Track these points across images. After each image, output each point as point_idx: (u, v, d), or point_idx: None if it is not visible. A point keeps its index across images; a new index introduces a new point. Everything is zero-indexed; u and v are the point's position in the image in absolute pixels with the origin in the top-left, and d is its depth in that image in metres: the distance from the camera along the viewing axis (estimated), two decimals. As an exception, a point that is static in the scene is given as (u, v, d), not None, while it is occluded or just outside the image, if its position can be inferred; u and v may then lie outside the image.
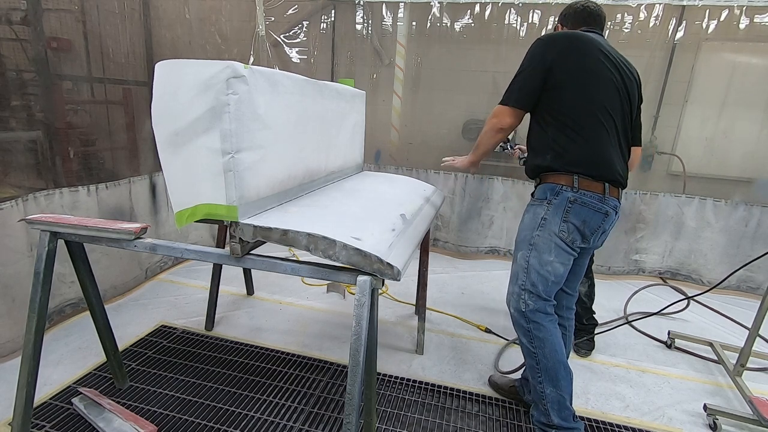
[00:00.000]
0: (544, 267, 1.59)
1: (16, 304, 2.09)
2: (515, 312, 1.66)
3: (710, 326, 2.90)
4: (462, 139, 3.90)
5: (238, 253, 1.36)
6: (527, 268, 1.61)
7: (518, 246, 1.67)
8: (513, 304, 1.67)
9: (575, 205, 1.55)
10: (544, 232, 1.58)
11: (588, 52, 1.54)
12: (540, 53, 1.56)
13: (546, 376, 1.61)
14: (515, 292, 1.65)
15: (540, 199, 1.62)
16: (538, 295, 1.61)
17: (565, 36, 1.59)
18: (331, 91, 1.89)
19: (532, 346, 1.63)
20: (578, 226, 1.56)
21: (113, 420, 1.65)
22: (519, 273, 1.64)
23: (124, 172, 2.82)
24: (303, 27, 4.02)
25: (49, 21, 2.37)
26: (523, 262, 1.63)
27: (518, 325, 1.66)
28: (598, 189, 1.55)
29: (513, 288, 1.67)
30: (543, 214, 1.59)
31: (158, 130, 1.30)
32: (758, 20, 3.20)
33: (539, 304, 1.61)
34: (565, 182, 1.56)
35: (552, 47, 1.55)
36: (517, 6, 3.53)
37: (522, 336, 1.67)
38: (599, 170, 1.55)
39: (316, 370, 2.14)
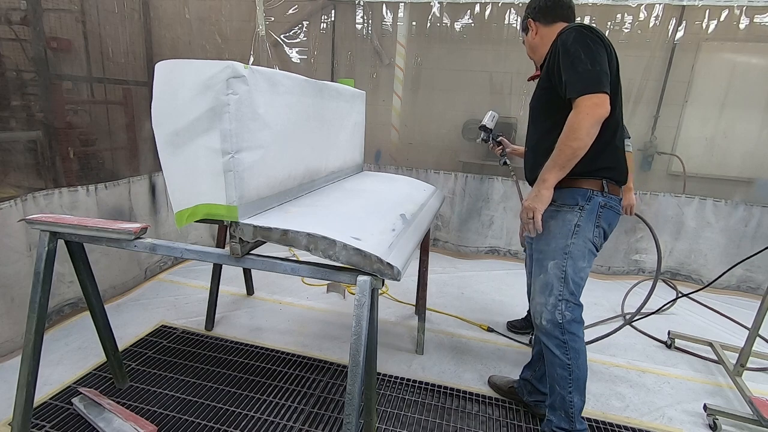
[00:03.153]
0: (578, 274, 1.54)
1: (15, 304, 2.09)
2: (549, 324, 1.56)
3: (710, 326, 2.90)
4: (462, 139, 3.91)
5: (238, 253, 1.36)
6: (564, 277, 1.54)
7: (549, 255, 1.57)
8: (547, 316, 1.56)
9: (605, 209, 1.53)
10: (579, 239, 1.52)
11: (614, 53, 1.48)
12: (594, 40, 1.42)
13: (576, 386, 1.57)
14: (551, 303, 1.55)
15: (570, 205, 1.54)
16: (575, 303, 1.55)
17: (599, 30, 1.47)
18: (331, 91, 1.89)
19: (567, 357, 1.56)
20: (606, 230, 1.56)
21: (113, 420, 1.65)
22: (554, 283, 1.55)
23: (124, 172, 2.83)
24: (303, 27, 4.02)
25: (49, 21, 2.37)
26: (558, 272, 1.54)
27: (552, 336, 1.57)
28: (618, 192, 1.57)
29: (546, 299, 1.57)
30: (576, 221, 1.52)
31: (158, 130, 1.30)
32: (758, 20, 3.21)
33: (576, 312, 1.56)
34: (595, 187, 1.51)
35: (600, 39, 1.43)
36: (517, 6, 3.53)
37: (554, 348, 1.57)
38: (623, 175, 1.56)
39: (316, 370, 2.14)
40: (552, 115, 1.53)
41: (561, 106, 1.46)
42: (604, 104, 1.38)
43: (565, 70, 1.42)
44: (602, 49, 1.41)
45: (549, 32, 1.65)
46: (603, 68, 1.39)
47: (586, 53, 1.40)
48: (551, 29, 1.64)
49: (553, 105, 1.52)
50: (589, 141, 1.38)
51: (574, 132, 1.38)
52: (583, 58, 1.39)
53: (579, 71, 1.39)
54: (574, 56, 1.40)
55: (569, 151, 1.40)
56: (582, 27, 1.45)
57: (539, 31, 1.69)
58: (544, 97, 1.59)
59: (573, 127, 1.38)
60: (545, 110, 1.58)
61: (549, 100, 1.54)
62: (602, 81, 1.39)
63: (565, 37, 1.45)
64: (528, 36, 1.75)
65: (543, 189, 1.45)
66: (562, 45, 1.44)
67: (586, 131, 1.37)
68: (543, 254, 1.59)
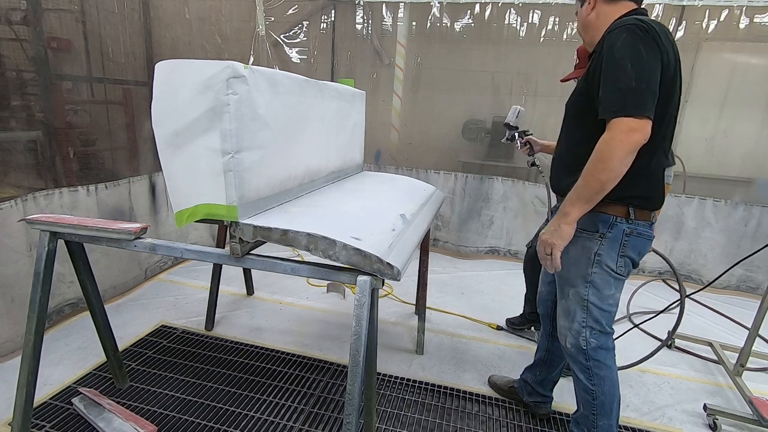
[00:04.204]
0: (606, 301, 1.43)
1: (15, 304, 2.09)
2: (573, 348, 1.49)
3: (710, 326, 2.90)
4: (462, 139, 3.91)
5: (238, 253, 1.36)
6: (586, 306, 1.44)
7: (568, 281, 1.46)
8: (571, 341, 1.49)
9: (631, 237, 1.36)
10: (600, 269, 1.39)
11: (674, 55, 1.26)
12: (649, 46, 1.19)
13: (601, 411, 1.50)
14: (574, 329, 1.47)
15: (589, 232, 1.38)
16: (601, 330, 1.45)
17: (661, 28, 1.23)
18: (331, 91, 1.89)
19: (591, 383, 1.49)
20: (634, 259, 1.41)
21: (113, 420, 1.65)
22: (576, 311, 1.46)
23: (124, 172, 2.83)
24: (303, 27, 4.02)
25: (49, 21, 2.37)
26: (579, 300, 1.44)
27: (576, 361, 1.50)
28: (648, 217, 1.38)
29: (570, 324, 1.48)
30: (596, 250, 1.38)
31: (158, 130, 1.30)
32: (758, 20, 3.21)
33: (602, 339, 1.46)
34: (620, 213, 1.34)
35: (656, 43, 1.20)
36: (517, 6, 3.53)
37: (579, 372, 1.51)
38: (657, 203, 1.37)
39: (316, 370, 2.14)
40: (583, 127, 1.33)
41: (596, 118, 1.26)
42: (643, 129, 1.17)
43: (605, 83, 1.21)
44: (656, 58, 1.19)
45: (610, 12, 1.36)
46: (650, 86, 1.17)
47: (633, 64, 1.17)
48: (614, 8, 1.36)
49: (587, 115, 1.31)
50: (621, 172, 1.19)
51: (604, 162, 1.18)
52: (628, 71, 1.17)
53: (620, 87, 1.17)
54: (618, 67, 1.18)
55: (597, 185, 1.21)
56: (637, 26, 1.20)
57: (597, 6, 1.39)
58: (579, 104, 1.37)
59: (603, 156, 1.18)
60: (578, 119, 1.39)
61: (584, 109, 1.34)
62: (646, 102, 1.17)
63: (614, 39, 1.21)
64: (583, 9, 1.44)
65: (564, 224, 1.28)
66: (608, 48, 1.22)
67: (619, 160, 1.17)
68: (563, 280, 1.48)
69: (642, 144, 1.18)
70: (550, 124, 3.63)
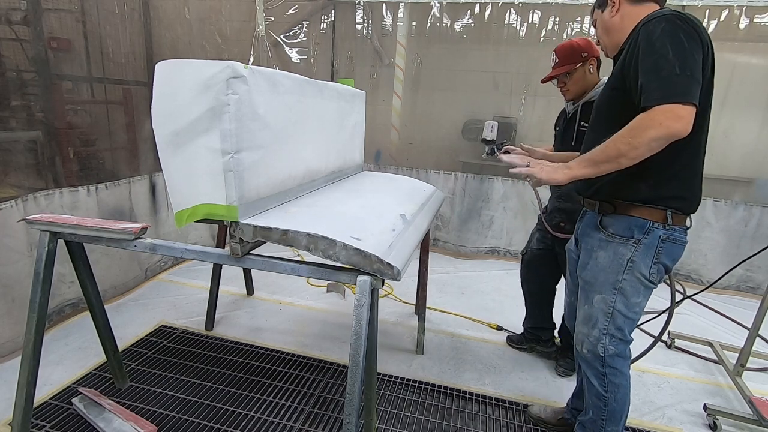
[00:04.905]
0: (632, 309, 1.39)
1: (16, 304, 2.09)
2: (590, 355, 1.46)
3: (710, 326, 2.90)
4: (462, 139, 3.91)
5: (238, 253, 1.36)
6: (611, 313, 1.39)
7: (595, 288, 1.41)
8: (588, 347, 1.45)
9: (667, 243, 1.31)
10: (632, 276, 1.34)
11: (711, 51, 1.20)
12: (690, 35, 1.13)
13: (611, 418, 1.49)
14: (594, 336, 1.43)
15: (623, 237, 1.33)
16: (621, 339, 1.43)
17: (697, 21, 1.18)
18: (331, 91, 1.89)
19: (604, 390, 1.46)
20: (667, 265, 1.36)
21: (113, 420, 1.65)
22: (598, 317, 1.41)
23: (124, 172, 2.83)
24: (303, 27, 4.02)
25: (49, 21, 2.37)
26: (604, 307, 1.40)
27: (591, 367, 1.47)
28: (684, 221, 1.33)
29: (590, 331, 1.44)
30: (630, 256, 1.33)
31: (158, 130, 1.30)
32: (758, 20, 3.21)
33: (621, 348, 1.43)
34: (657, 218, 1.28)
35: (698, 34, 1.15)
36: (517, 6, 3.53)
37: (593, 377, 1.48)
38: (695, 205, 1.32)
39: (316, 370, 2.14)
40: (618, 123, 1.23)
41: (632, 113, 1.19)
42: (688, 118, 1.09)
43: (645, 72, 1.14)
44: (698, 49, 1.13)
45: (635, 13, 1.31)
46: (694, 75, 1.11)
47: (675, 52, 1.11)
48: (639, 9, 1.31)
49: (625, 112, 1.23)
50: (642, 154, 1.14)
51: (632, 133, 1.13)
52: (670, 58, 1.11)
53: (662, 76, 1.11)
54: (659, 54, 1.12)
55: (613, 152, 1.16)
56: (676, 16, 1.15)
57: (622, 8, 1.34)
58: (614, 100, 1.32)
59: (635, 129, 1.12)
60: (614, 117, 1.28)
61: (620, 105, 1.27)
62: (691, 89, 1.10)
63: (652, 28, 1.15)
64: (605, 13, 1.39)
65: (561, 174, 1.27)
66: (645, 38, 1.16)
67: (648, 141, 1.11)
68: (589, 286, 1.43)
69: (681, 136, 1.11)
70: (550, 124, 3.62)
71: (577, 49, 1.91)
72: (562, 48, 1.95)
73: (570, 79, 1.95)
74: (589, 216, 1.48)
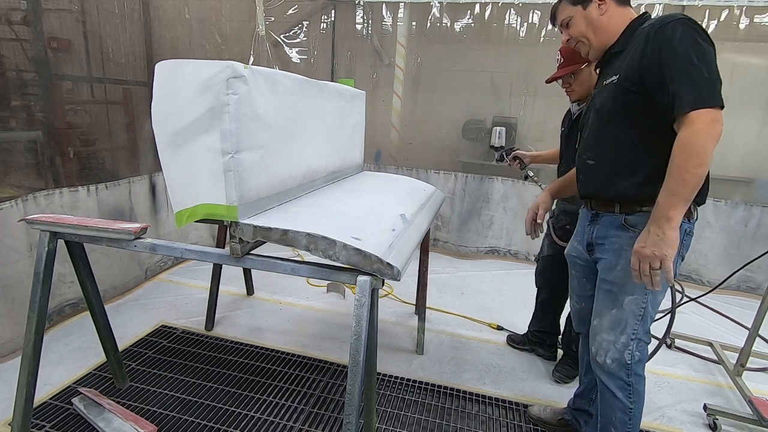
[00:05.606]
0: (655, 309, 1.38)
1: (16, 304, 2.09)
2: (615, 364, 1.39)
3: (710, 326, 2.90)
4: (462, 139, 3.91)
5: (238, 253, 1.36)
6: (643, 315, 1.35)
7: (626, 289, 1.35)
8: (614, 355, 1.38)
9: (687, 236, 1.34)
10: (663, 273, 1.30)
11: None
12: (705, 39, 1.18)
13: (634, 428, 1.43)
14: (621, 342, 1.37)
15: None
16: (646, 341, 1.39)
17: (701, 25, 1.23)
18: (331, 91, 1.89)
19: (630, 401, 1.40)
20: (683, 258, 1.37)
21: (113, 420, 1.65)
22: (628, 321, 1.36)
23: (124, 172, 2.83)
24: (303, 27, 4.02)
25: (49, 21, 2.37)
26: (636, 309, 1.35)
27: (615, 378, 1.40)
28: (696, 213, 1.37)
29: (617, 337, 1.38)
30: None
31: (158, 130, 1.30)
32: (758, 20, 3.21)
33: (644, 351, 1.40)
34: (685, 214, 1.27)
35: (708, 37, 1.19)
36: (517, 6, 3.53)
37: (617, 390, 1.41)
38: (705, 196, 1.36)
39: (316, 370, 2.14)
40: (637, 126, 1.28)
41: (651, 115, 1.24)
42: (721, 120, 1.15)
43: (676, 78, 1.16)
44: (713, 51, 1.19)
45: (621, 15, 1.36)
46: (719, 77, 1.17)
47: (699, 57, 1.15)
48: (625, 12, 1.37)
49: (641, 114, 1.27)
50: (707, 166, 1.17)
51: (699, 156, 1.14)
52: (696, 63, 1.15)
53: (694, 80, 1.14)
54: (685, 60, 1.15)
55: (695, 181, 1.15)
56: (688, 20, 1.19)
57: (610, 9, 1.36)
58: (628, 103, 1.29)
59: (694, 151, 1.14)
60: (628, 119, 1.30)
61: (635, 107, 1.28)
62: (719, 93, 1.16)
63: (670, 33, 1.18)
64: (590, 11, 1.38)
65: (669, 229, 1.17)
66: (666, 43, 1.18)
67: (710, 153, 1.14)
68: (618, 288, 1.37)
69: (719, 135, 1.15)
70: (550, 124, 3.63)
71: None
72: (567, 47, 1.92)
73: (575, 79, 1.90)
74: (606, 218, 1.41)
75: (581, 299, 1.64)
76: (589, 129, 1.44)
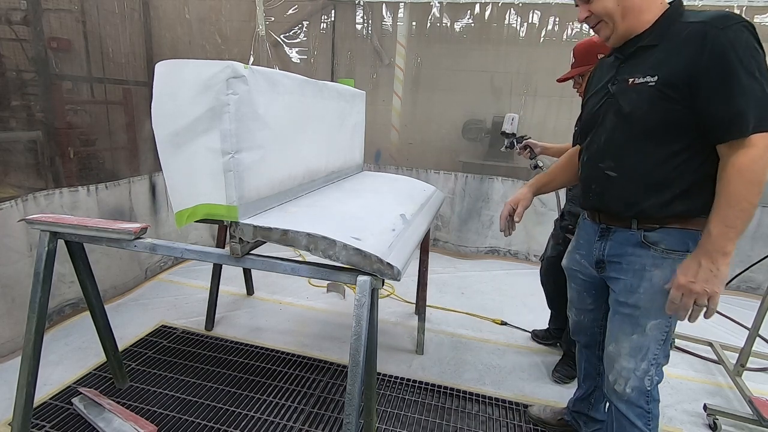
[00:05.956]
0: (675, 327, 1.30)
1: (16, 304, 2.09)
2: (634, 392, 1.29)
3: (710, 326, 2.90)
4: (462, 139, 3.91)
5: (238, 253, 1.36)
6: (665, 339, 1.27)
7: (650, 313, 1.24)
8: (634, 383, 1.29)
9: None
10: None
11: None
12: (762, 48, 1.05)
13: None
14: (642, 369, 1.27)
15: (680, 252, 1.19)
16: (665, 363, 1.31)
17: None
18: (331, 91, 1.89)
19: (648, 428, 1.31)
20: None
21: (113, 420, 1.65)
22: (650, 346, 1.26)
23: (124, 172, 2.83)
24: (303, 27, 4.02)
25: (49, 21, 2.37)
26: (659, 334, 1.25)
27: (634, 407, 1.31)
28: None
29: (637, 364, 1.27)
30: None
31: (158, 130, 1.30)
32: (758, 20, 3.21)
33: (662, 373, 1.32)
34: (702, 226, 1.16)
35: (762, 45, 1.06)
36: (517, 6, 3.53)
37: (636, 419, 1.32)
38: None
39: (316, 370, 2.14)
40: (675, 139, 1.12)
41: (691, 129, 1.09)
42: None
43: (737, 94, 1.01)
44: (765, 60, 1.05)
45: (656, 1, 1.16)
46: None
47: (760, 69, 1.01)
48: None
49: (682, 126, 1.11)
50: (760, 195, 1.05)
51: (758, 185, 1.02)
52: (757, 77, 1.01)
53: (757, 96, 1.01)
54: (748, 73, 1.01)
55: (752, 210, 1.05)
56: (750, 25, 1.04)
57: None
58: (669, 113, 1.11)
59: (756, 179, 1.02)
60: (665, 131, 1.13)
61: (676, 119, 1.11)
62: None
63: (733, 38, 1.01)
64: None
65: (723, 265, 1.07)
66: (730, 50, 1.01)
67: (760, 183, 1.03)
68: (641, 312, 1.25)
69: None
70: (550, 124, 3.63)
71: (593, 49, 1.82)
72: (579, 47, 1.88)
73: (584, 80, 1.87)
74: (620, 234, 1.28)
75: (580, 312, 1.57)
76: (608, 133, 1.25)
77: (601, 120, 1.28)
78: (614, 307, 1.32)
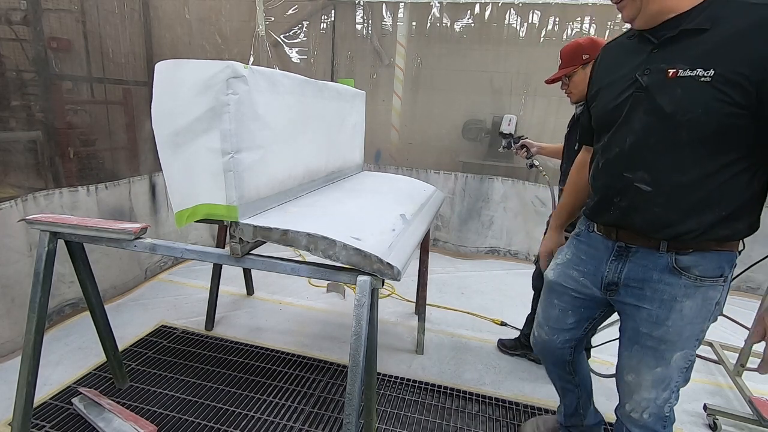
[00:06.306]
0: None
1: (16, 304, 2.09)
2: (652, 418, 1.23)
3: (710, 326, 2.89)
4: (462, 139, 3.91)
5: (238, 253, 1.36)
6: (688, 367, 1.18)
7: (677, 345, 1.13)
8: (653, 410, 1.22)
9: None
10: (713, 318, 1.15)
11: None
12: None
13: None
14: (662, 398, 1.20)
15: (713, 278, 1.08)
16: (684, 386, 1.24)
17: None
18: (331, 91, 1.89)
19: None
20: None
21: (113, 420, 1.65)
22: (673, 376, 1.17)
23: (124, 172, 2.83)
24: (303, 27, 4.02)
25: (49, 21, 2.37)
26: (683, 363, 1.16)
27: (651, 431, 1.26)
28: None
29: (659, 394, 1.20)
30: (718, 298, 1.11)
31: (158, 130, 1.30)
32: None
33: (678, 396, 1.25)
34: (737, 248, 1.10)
35: None
36: (517, 6, 3.53)
37: None
38: None
39: (316, 370, 2.14)
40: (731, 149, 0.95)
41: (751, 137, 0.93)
42: None
43: None
44: None
45: None
46: None
47: None
48: None
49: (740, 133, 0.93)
50: None
51: None
52: None
53: None
54: None
55: None
56: None
57: None
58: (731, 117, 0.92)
59: None
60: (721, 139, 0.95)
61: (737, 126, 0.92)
62: None
63: None
64: None
65: None
66: None
67: None
68: (669, 345, 1.14)
69: None
70: (550, 124, 3.63)
71: (578, 50, 1.83)
72: (565, 49, 1.89)
73: (570, 81, 1.89)
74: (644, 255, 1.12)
75: (554, 332, 1.43)
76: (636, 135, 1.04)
77: (625, 118, 1.06)
78: (634, 337, 1.19)
